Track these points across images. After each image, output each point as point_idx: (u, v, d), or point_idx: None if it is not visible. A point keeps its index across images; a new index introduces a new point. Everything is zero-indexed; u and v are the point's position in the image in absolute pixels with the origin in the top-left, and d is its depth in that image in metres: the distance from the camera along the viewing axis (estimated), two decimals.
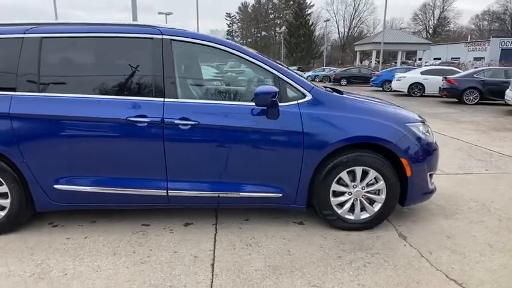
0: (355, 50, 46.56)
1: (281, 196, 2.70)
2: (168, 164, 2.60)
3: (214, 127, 2.56)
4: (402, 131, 2.68)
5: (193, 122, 2.53)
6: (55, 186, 2.62)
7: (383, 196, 2.74)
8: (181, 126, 2.53)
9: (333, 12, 79.88)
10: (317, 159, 2.61)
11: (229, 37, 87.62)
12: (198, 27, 32.81)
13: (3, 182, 2.62)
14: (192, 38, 2.65)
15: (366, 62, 47.30)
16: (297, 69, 39.32)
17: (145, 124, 2.51)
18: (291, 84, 2.64)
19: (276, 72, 2.64)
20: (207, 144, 2.58)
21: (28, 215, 2.73)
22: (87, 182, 2.63)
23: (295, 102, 2.62)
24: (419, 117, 3.07)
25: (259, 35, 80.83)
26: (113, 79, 2.62)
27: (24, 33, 2.60)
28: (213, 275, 2.22)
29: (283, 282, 2.15)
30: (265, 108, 2.53)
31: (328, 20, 47.25)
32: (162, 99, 2.56)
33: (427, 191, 2.88)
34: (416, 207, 3.24)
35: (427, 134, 2.86)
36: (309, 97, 2.64)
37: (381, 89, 18.45)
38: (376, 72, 20.62)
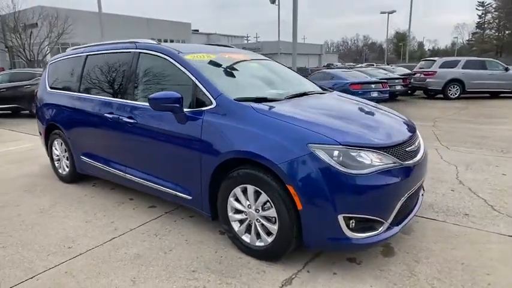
0: None
1: (191, 199, 2.79)
2: (124, 152, 3.24)
3: (144, 126, 2.97)
4: (296, 152, 2.15)
5: (133, 121, 3.04)
6: (81, 157, 3.80)
7: (275, 226, 2.31)
8: (128, 124, 3.10)
9: None
10: (210, 168, 2.53)
11: (480, 30, 73.53)
12: (409, 23, 29.79)
13: (66, 151, 4.05)
14: (151, 50, 3.12)
15: None
16: None
17: (112, 120, 3.24)
18: (202, 91, 2.65)
19: (193, 78, 2.72)
20: (141, 140, 3.02)
21: (77, 174, 4.05)
22: (90, 158, 3.67)
23: (202, 108, 2.63)
24: (372, 139, 2.25)
25: None
26: (107, 84, 3.49)
27: (82, 53, 3.88)
28: (100, 245, 2.72)
29: (123, 269, 2.38)
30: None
31: None
32: (125, 100, 3.21)
33: (338, 237, 2.15)
34: (399, 262, 2.41)
35: (350, 161, 2.11)
36: (213, 105, 2.57)
37: None
38: None
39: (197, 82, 2.70)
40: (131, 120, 3.06)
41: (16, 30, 24.20)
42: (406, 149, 2.42)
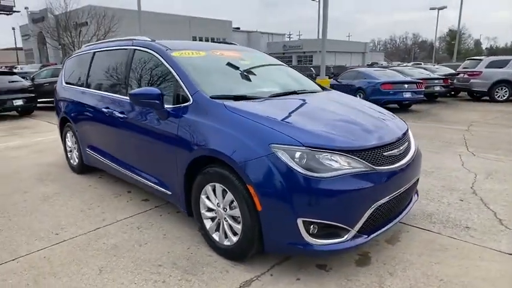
0: None
1: (171, 194, 2.83)
2: (118, 145, 3.37)
3: (132, 121, 3.05)
4: (258, 151, 2.10)
5: (124, 116, 3.14)
6: (86, 149, 4.00)
7: (239, 226, 2.27)
8: (119, 119, 3.20)
9: None
10: (184, 165, 2.55)
11: None
12: (459, 18, 27.81)
13: (76, 143, 4.27)
14: (143, 47, 3.19)
15: None
16: None
17: (108, 114, 3.37)
18: (182, 87, 2.67)
19: (175, 75, 2.74)
20: (130, 135, 3.11)
21: (85, 166, 4.26)
22: (93, 150, 3.84)
23: (181, 105, 2.64)
24: (334, 141, 2.12)
25: None
26: (106, 79, 3.63)
27: (91, 50, 4.07)
28: (84, 234, 2.84)
29: (96, 258, 2.47)
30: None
31: None
32: (118, 95, 3.32)
33: (297, 242, 2.06)
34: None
35: (313, 164, 2.02)
36: (190, 101, 2.58)
37: None
38: None
39: (178, 78, 2.72)
40: (122, 115, 3.16)
41: (67, 28, 26.01)
42: (384, 154, 2.26)
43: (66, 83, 4.47)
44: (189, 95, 2.60)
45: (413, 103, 11.01)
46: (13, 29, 43.66)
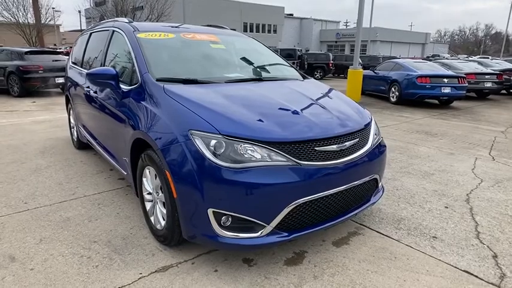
0: None
1: (126, 174, 2.89)
2: (94, 123, 3.50)
3: (100, 101, 3.14)
4: (178, 137, 2.05)
5: (96, 95, 3.25)
6: (79, 126, 4.22)
7: (165, 210, 2.26)
8: (93, 98, 3.32)
9: None
10: (129, 146, 2.57)
11: None
12: None
13: (75, 120, 4.53)
14: (117, 28, 3.25)
15: None
16: None
17: (88, 91, 3.51)
18: (135, 68, 2.67)
19: (133, 55, 2.75)
20: (99, 113, 3.21)
21: (80, 143, 4.51)
22: (83, 127, 4.04)
23: (132, 87, 2.65)
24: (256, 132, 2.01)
25: None
26: (93, 59, 3.75)
27: (88, 31, 4.24)
28: (48, 205, 3.02)
29: (43, 228, 2.62)
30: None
31: None
32: None
33: (208, 233, 2.00)
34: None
35: (229, 153, 1.93)
36: (139, 83, 2.58)
37: None
38: None
39: (134, 59, 2.73)
40: (95, 95, 3.27)
41: (123, 12, 27.42)
42: (316, 148, 2.09)
43: (72, 62, 4.72)
44: (139, 76, 2.60)
45: (454, 99, 10.08)
46: (79, 12, 46.96)
